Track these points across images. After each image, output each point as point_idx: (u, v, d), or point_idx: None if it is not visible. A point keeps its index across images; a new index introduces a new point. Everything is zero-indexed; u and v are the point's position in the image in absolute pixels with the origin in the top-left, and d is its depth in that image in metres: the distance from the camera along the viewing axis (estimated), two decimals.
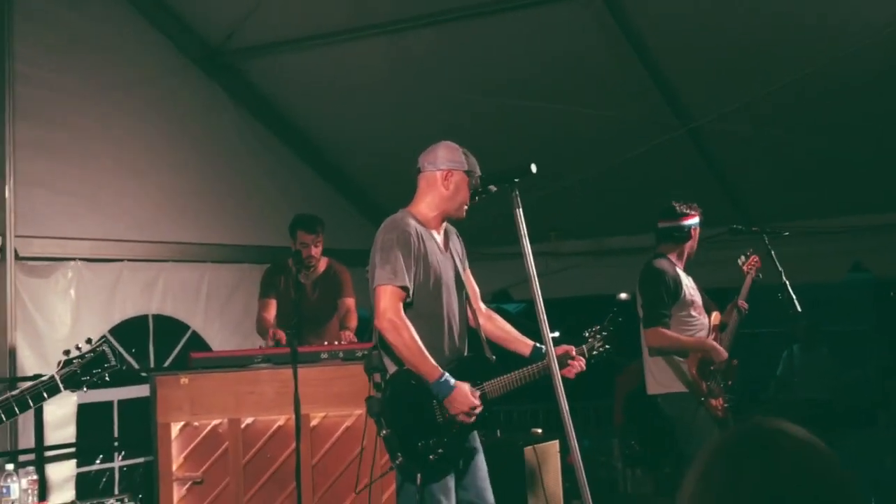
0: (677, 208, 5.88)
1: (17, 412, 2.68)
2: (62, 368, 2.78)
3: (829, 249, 7.62)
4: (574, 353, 4.33)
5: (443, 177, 4.31)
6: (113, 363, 2.84)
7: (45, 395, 2.73)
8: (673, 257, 5.85)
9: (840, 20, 6.23)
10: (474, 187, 4.29)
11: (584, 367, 4.32)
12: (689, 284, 5.78)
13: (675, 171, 7.45)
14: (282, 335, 6.33)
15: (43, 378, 2.74)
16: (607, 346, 4.38)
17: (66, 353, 2.82)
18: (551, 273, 8.21)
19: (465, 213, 4.38)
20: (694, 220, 5.87)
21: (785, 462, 1.68)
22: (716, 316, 5.81)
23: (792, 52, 6.49)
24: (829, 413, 7.60)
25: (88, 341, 2.86)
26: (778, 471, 1.68)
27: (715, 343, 5.64)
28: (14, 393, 2.70)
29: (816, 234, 7.49)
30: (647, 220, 6.16)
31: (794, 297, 5.52)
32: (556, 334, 10.86)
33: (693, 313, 5.73)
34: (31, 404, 2.71)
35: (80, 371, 2.79)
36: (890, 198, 7.28)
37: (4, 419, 2.67)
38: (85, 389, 2.84)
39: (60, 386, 2.75)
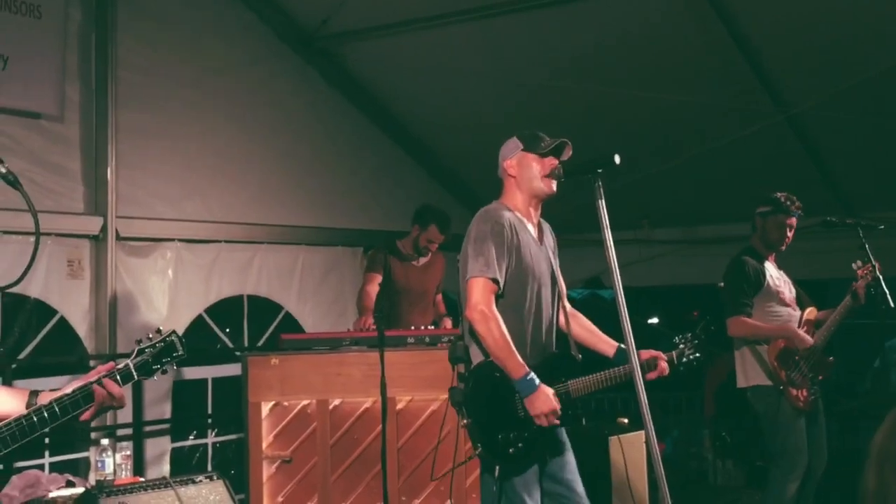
0: (769, 196, 5.77)
1: (82, 406, 2.73)
2: (136, 357, 2.84)
3: None
4: (663, 360, 4.24)
5: (509, 167, 4.31)
6: (181, 353, 2.90)
7: (119, 382, 2.77)
8: (759, 248, 5.79)
9: None
10: (546, 149, 4.22)
11: (666, 373, 4.23)
12: (774, 275, 5.70)
13: (771, 159, 7.27)
14: (373, 324, 6.37)
15: (119, 367, 2.77)
16: (698, 355, 4.30)
17: (139, 342, 2.87)
18: (644, 260, 8.10)
19: (551, 185, 4.25)
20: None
21: None
22: (811, 311, 5.69)
23: (893, 36, 6.23)
24: None
25: (158, 331, 2.90)
26: None
27: (799, 330, 5.52)
28: (92, 379, 2.73)
29: None
30: (740, 208, 6.03)
31: (886, 291, 5.36)
32: (656, 320, 10.68)
33: (778, 305, 5.63)
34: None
35: (152, 360, 2.85)
36: None
37: (82, 404, 2.70)
38: (156, 377, 2.90)
39: (134, 374, 2.82)
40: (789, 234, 5.76)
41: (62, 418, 2.67)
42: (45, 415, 2.65)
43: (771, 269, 5.72)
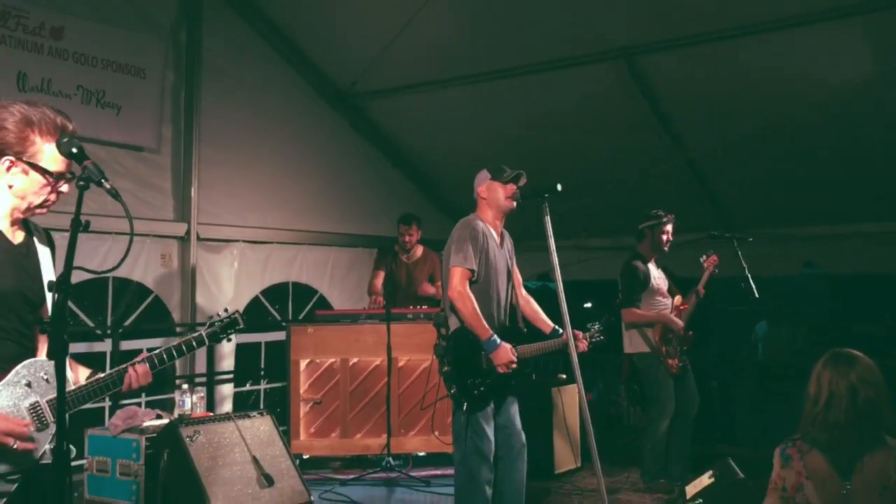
0: (650, 213, 5.75)
1: (176, 356, 2.71)
2: (208, 328, 2.83)
3: (788, 250, 7.33)
4: (581, 336, 4.28)
5: (481, 193, 4.36)
6: (241, 326, 2.87)
7: (195, 345, 2.75)
8: (645, 253, 5.75)
9: (808, 77, 6.01)
10: (507, 178, 4.26)
11: (585, 350, 4.27)
12: (656, 276, 5.70)
13: (674, 188, 7.27)
14: (382, 302, 6.40)
15: (195, 335, 2.78)
16: (602, 338, 4.35)
17: (210, 317, 2.88)
18: (582, 261, 8.09)
19: (512, 204, 4.29)
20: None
21: (863, 363, 2.76)
22: (678, 299, 5.73)
23: (770, 98, 6.28)
24: (785, 373, 7.34)
25: (226, 310, 2.92)
26: (860, 365, 2.74)
27: (673, 317, 5.57)
28: (175, 343, 2.73)
29: (779, 239, 7.22)
30: None
31: (753, 286, 5.39)
32: (589, 304, 10.64)
33: (659, 297, 5.66)
34: (185, 352, 2.73)
35: (220, 331, 2.84)
36: (837, 213, 7.00)
37: (167, 361, 2.67)
38: (223, 343, 2.90)
39: (206, 340, 2.79)
40: (670, 237, 5.72)
41: (105, 392, 2.54)
42: (95, 387, 2.52)
43: (653, 269, 5.69)
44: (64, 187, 2.43)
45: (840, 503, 2.67)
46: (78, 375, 2.60)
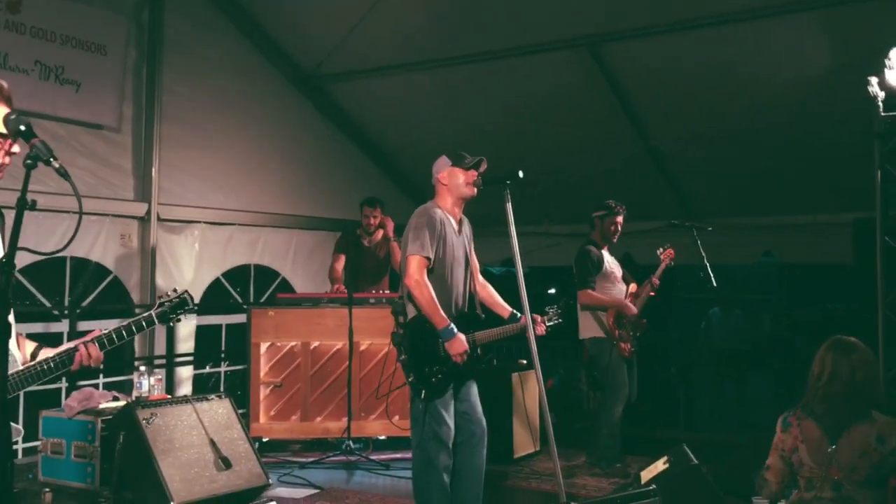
0: (604, 203, 5.73)
1: (126, 337, 2.62)
2: (157, 308, 2.72)
3: (746, 240, 7.39)
4: (539, 320, 4.24)
5: (441, 179, 4.25)
6: (192, 307, 2.77)
7: (144, 326, 2.67)
8: (598, 240, 5.73)
9: (765, 74, 6.07)
10: (469, 164, 4.17)
11: (543, 334, 4.23)
12: (609, 261, 5.68)
13: (636, 177, 7.29)
14: (343, 289, 6.31)
15: (144, 314, 2.68)
16: (560, 321, 4.32)
17: (160, 297, 2.77)
18: (544, 248, 8.09)
19: (473, 190, 4.17)
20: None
21: (861, 348, 3.14)
22: (633, 286, 5.72)
23: (729, 94, 6.32)
24: (738, 358, 7.43)
25: (175, 290, 2.81)
26: (859, 350, 3.13)
27: (627, 302, 5.57)
28: (124, 324, 2.63)
29: (737, 228, 7.29)
30: None
31: (711, 275, 5.40)
32: (553, 290, 10.67)
33: (613, 282, 5.65)
34: (135, 332, 2.65)
35: (169, 311, 2.74)
36: (793, 204, 7.08)
37: (116, 341, 2.60)
38: (172, 324, 2.80)
39: (155, 321, 2.69)
40: (620, 228, 5.70)
41: (55, 372, 2.47)
42: (44, 368, 2.46)
43: (607, 256, 5.69)
44: (16, 148, 2.34)
45: (827, 462, 3.08)
46: (25, 353, 2.51)
